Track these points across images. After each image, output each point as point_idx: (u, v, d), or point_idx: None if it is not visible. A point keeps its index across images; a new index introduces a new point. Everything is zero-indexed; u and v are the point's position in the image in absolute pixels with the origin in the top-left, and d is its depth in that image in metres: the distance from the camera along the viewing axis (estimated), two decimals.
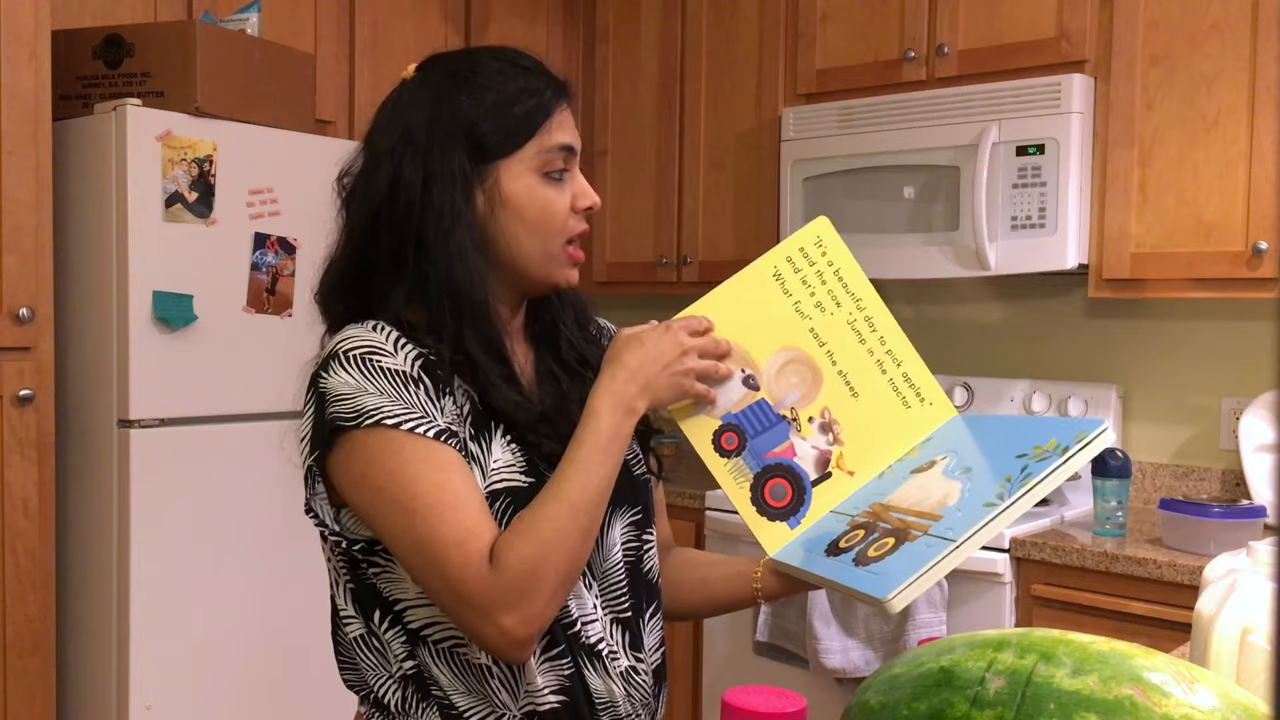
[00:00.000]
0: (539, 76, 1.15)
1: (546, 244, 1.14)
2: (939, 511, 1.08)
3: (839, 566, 1.08)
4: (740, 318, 1.19)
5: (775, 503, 1.17)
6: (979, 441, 1.17)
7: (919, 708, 0.77)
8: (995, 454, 1.13)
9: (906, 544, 1.06)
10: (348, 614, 1.14)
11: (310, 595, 2.35)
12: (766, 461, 1.17)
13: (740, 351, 1.18)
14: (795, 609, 2.50)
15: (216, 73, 2.35)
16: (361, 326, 1.10)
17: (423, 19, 3.14)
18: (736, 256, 3.12)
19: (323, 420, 1.06)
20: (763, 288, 1.20)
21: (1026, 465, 1.08)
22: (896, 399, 1.22)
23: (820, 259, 1.21)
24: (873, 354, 1.21)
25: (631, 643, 1.17)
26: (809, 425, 1.19)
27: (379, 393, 1.04)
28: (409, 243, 1.10)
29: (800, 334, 1.20)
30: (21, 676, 2.21)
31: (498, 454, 1.09)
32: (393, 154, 1.12)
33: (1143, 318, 2.75)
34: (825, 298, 1.21)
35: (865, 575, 1.04)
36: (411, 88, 1.16)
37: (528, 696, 1.10)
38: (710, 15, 3.18)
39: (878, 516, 1.13)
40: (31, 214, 2.20)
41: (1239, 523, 2.19)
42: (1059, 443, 1.08)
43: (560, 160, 1.14)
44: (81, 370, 2.36)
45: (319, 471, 1.09)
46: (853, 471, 1.19)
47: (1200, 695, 0.71)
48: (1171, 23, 2.38)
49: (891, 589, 1.00)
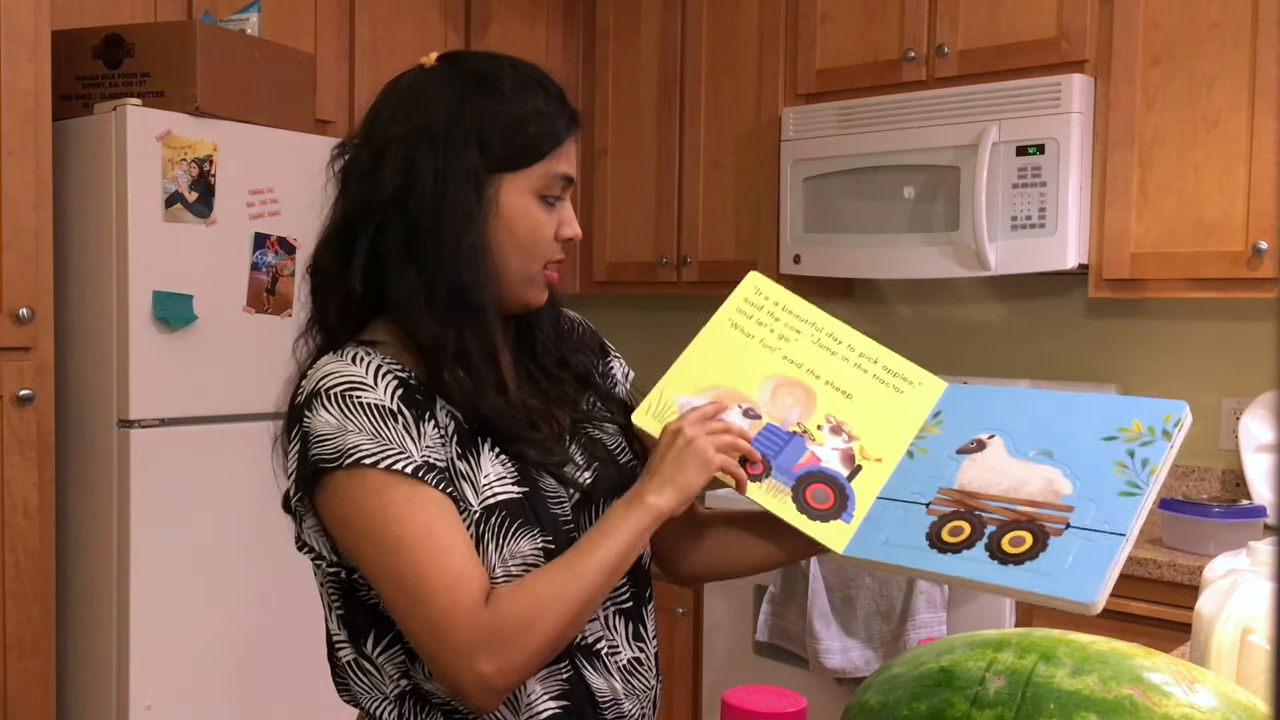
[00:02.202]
0: (558, 102, 1.15)
1: (528, 264, 1.14)
2: (1062, 501, 1.09)
3: (978, 566, 1.07)
4: (715, 368, 1.24)
5: (820, 505, 1.18)
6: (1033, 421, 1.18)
7: (919, 708, 0.77)
8: (1071, 436, 1.14)
9: (1055, 539, 1.06)
10: (340, 639, 1.14)
11: (310, 596, 2.34)
12: (797, 474, 1.19)
13: (729, 392, 1.22)
14: (795, 609, 2.50)
15: (216, 73, 2.35)
16: (340, 359, 1.09)
17: (423, 19, 3.14)
18: (736, 256, 3.11)
19: (306, 461, 1.06)
20: (724, 339, 1.26)
21: (1131, 450, 1.10)
22: (887, 389, 1.26)
23: (765, 303, 1.29)
24: (848, 360, 1.27)
25: (634, 633, 1.18)
26: (820, 432, 1.21)
27: (358, 430, 1.04)
28: (423, 236, 1.09)
29: (776, 362, 1.25)
30: (21, 676, 2.21)
31: (488, 468, 1.09)
32: (406, 142, 1.11)
33: (1143, 318, 2.75)
34: (784, 329, 1.27)
35: (1027, 575, 1.04)
36: (432, 79, 1.14)
37: (526, 706, 1.10)
38: (710, 15, 3.18)
39: (967, 506, 1.13)
40: (31, 214, 2.20)
41: (1239, 523, 2.19)
42: (1147, 424, 1.11)
43: (558, 188, 1.15)
44: (81, 370, 2.36)
45: (308, 509, 1.09)
46: (880, 459, 1.21)
47: (1200, 695, 0.71)
48: (1171, 23, 2.38)
49: (1092, 592, 1.00)
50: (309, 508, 1.09)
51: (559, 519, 1.12)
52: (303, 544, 1.13)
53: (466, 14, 3.26)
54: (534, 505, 1.10)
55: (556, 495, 1.13)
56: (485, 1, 3.30)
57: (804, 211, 2.88)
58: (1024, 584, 1.03)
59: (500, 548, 1.07)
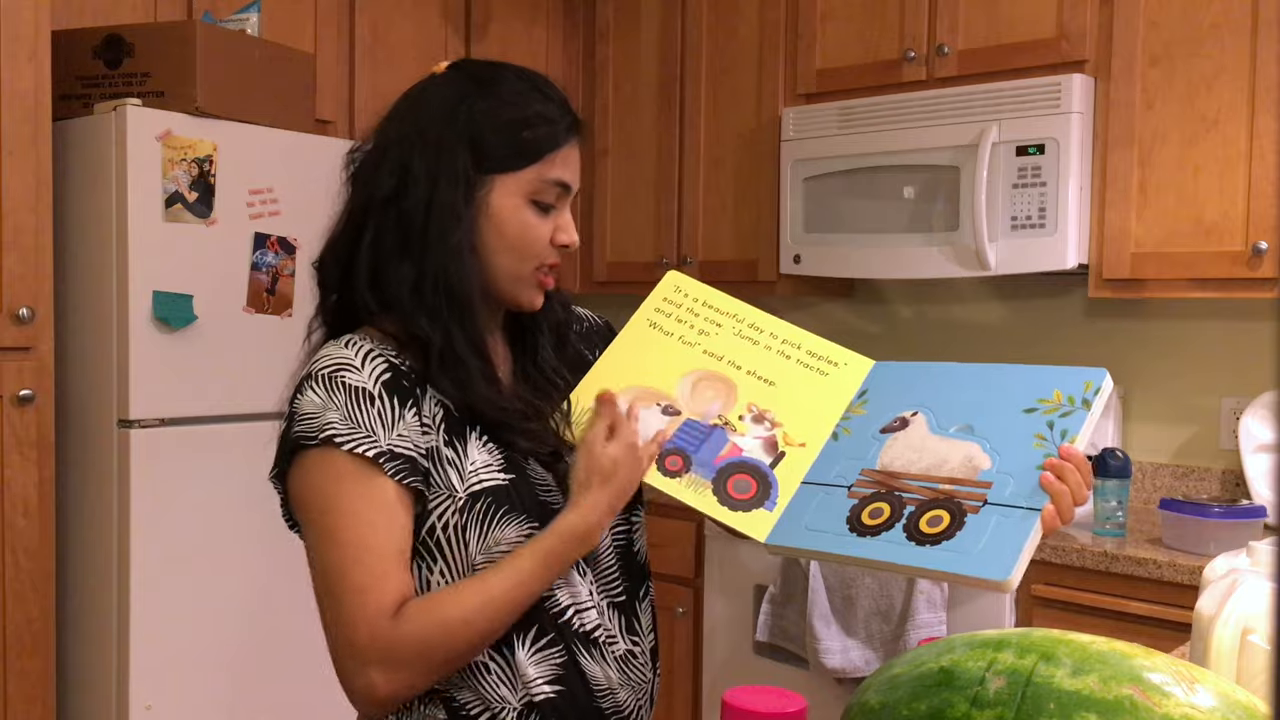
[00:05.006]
0: (558, 108, 1.17)
1: (518, 265, 1.16)
2: (980, 477, 1.08)
3: (897, 548, 1.06)
4: (634, 367, 1.24)
5: (742, 495, 1.17)
6: (955, 396, 1.17)
7: (919, 708, 0.77)
8: (992, 409, 1.13)
9: (971, 516, 1.05)
10: None
11: (310, 595, 2.34)
12: (718, 466, 1.18)
13: (647, 391, 1.22)
14: (795, 609, 2.50)
15: (216, 73, 2.35)
16: (338, 344, 1.13)
17: (423, 19, 3.14)
18: (736, 256, 3.12)
19: (287, 438, 1.10)
20: (643, 338, 1.27)
21: (1051, 421, 1.08)
22: (811, 372, 1.25)
23: (685, 300, 1.30)
24: (770, 348, 1.26)
25: (628, 626, 1.19)
26: (742, 423, 1.21)
27: (336, 409, 1.08)
28: (414, 234, 1.12)
29: (696, 357, 1.25)
30: (21, 676, 2.21)
31: (474, 455, 1.11)
32: (402, 144, 1.14)
33: (1143, 318, 2.75)
34: (704, 324, 1.28)
35: (944, 555, 1.03)
36: (436, 84, 1.18)
37: (524, 688, 1.12)
38: (710, 15, 3.18)
39: (888, 486, 1.12)
40: (31, 214, 2.20)
41: (1239, 523, 2.19)
42: (1067, 394, 1.10)
43: (553, 194, 1.16)
44: (81, 370, 2.36)
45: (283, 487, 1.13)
46: (804, 443, 1.20)
47: (1200, 695, 0.71)
48: (1171, 23, 2.38)
49: (1006, 569, 0.99)
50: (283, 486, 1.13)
51: (549, 506, 1.14)
52: (292, 522, 1.16)
53: (466, 14, 3.26)
54: (520, 492, 1.12)
55: (545, 483, 1.15)
56: (485, 2, 3.30)
57: (804, 211, 2.88)
58: (940, 564, 1.03)
59: (483, 535, 1.10)
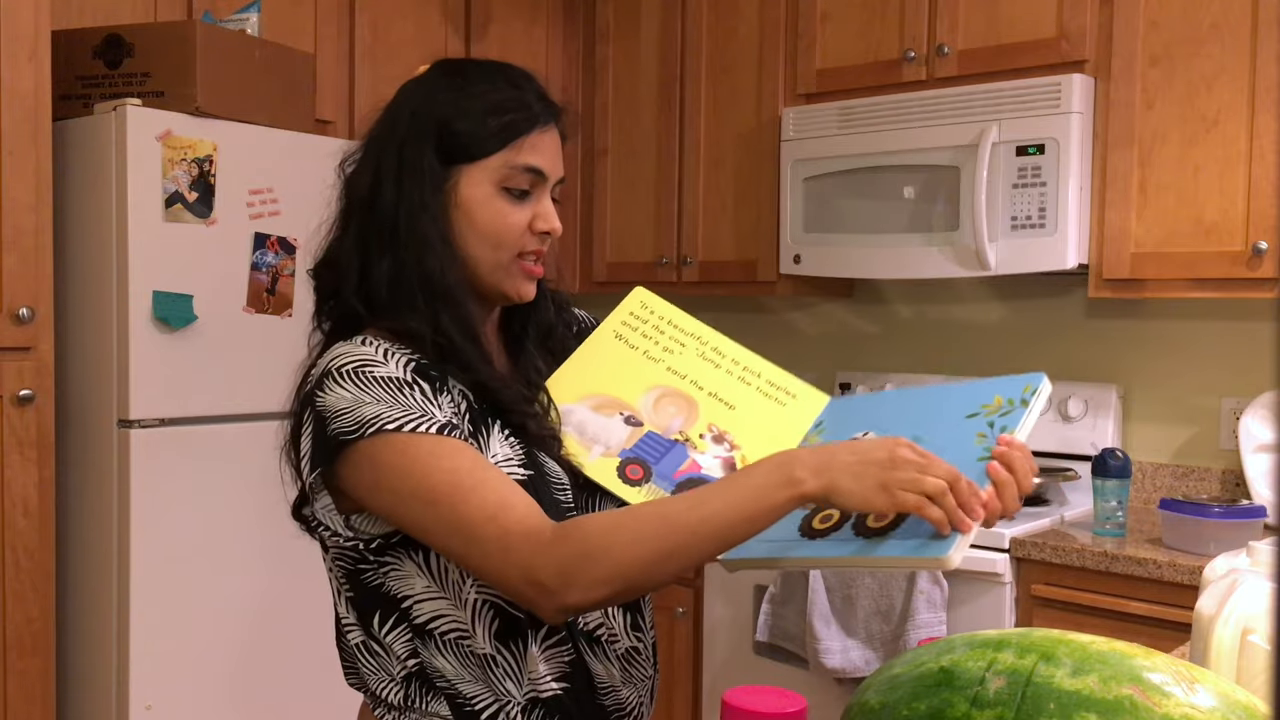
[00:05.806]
0: (529, 94, 1.17)
1: (495, 254, 1.16)
2: None
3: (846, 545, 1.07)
4: (598, 375, 1.25)
5: None
6: (904, 414, 1.20)
7: (919, 708, 0.77)
8: (938, 420, 1.16)
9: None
10: (349, 622, 1.17)
11: (310, 595, 2.35)
12: (677, 480, 1.19)
13: (610, 399, 1.23)
14: (795, 609, 2.50)
15: (216, 73, 2.35)
16: (349, 343, 1.12)
17: (423, 19, 3.14)
18: (736, 256, 3.12)
19: (325, 437, 1.07)
20: (609, 349, 1.27)
21: (992, 420, 1.11)
22: (770, 401, 1.28)
23: (651, 317, 1.31)
24: (731, 373, 1.29)
25: (632, 624, 1.20)
26: (702, 441, 1.22)
27: (376, 400, 1.06)
28: (386, 229, 1.14)
29: (660, 373, 1.26)
30: (21, 676, 2.21)
31: (495, 449, 1.12)
32: (376, 144, 1.17)
33: (1143, 318, 2.75)
34: (669, 342, 1.29)
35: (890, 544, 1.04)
36: (413, 85, 1.20)
37: (530, 684, 1.12)
38: (710, 15, 3.18)
39: None
40: (31, 214, 2.20)
41: (1239, 523, 2.19)
42: (1008, 398, 1.13)
43: (525, 181, 1.16)
44: (81, 370, 2.36)
45: (322, 485, 1.10)
46: None
47: (1200, 695, 0.71)
48: (1171, 23, 2.38)
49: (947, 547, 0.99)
50: (323, 485, 1.10)
51: (561, 504, 1.14)
52: (314, 522, 1.14)
53: (466, 14, 3.26)
54: (539, 489, 1.11)
55: (560, 481, 1.15)
56: (485, 1, 3.30)
57: (804, 211, 2.88)
58: (887, 552, 1.04)
59: None
